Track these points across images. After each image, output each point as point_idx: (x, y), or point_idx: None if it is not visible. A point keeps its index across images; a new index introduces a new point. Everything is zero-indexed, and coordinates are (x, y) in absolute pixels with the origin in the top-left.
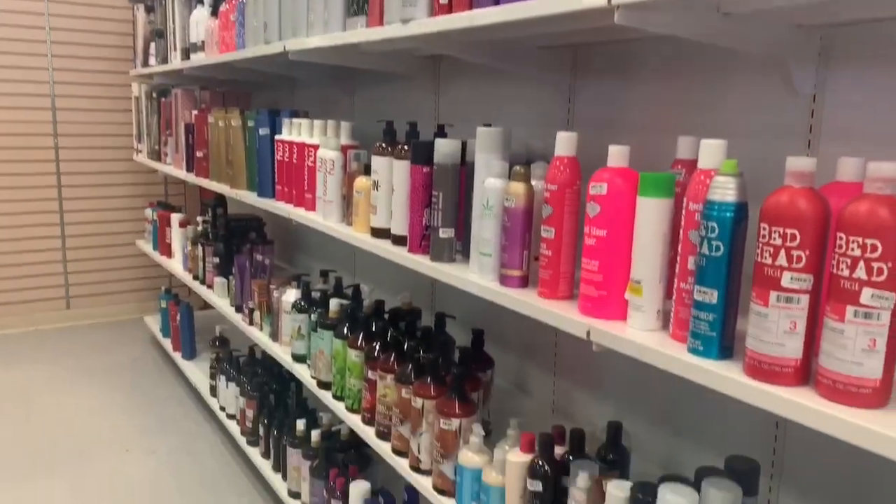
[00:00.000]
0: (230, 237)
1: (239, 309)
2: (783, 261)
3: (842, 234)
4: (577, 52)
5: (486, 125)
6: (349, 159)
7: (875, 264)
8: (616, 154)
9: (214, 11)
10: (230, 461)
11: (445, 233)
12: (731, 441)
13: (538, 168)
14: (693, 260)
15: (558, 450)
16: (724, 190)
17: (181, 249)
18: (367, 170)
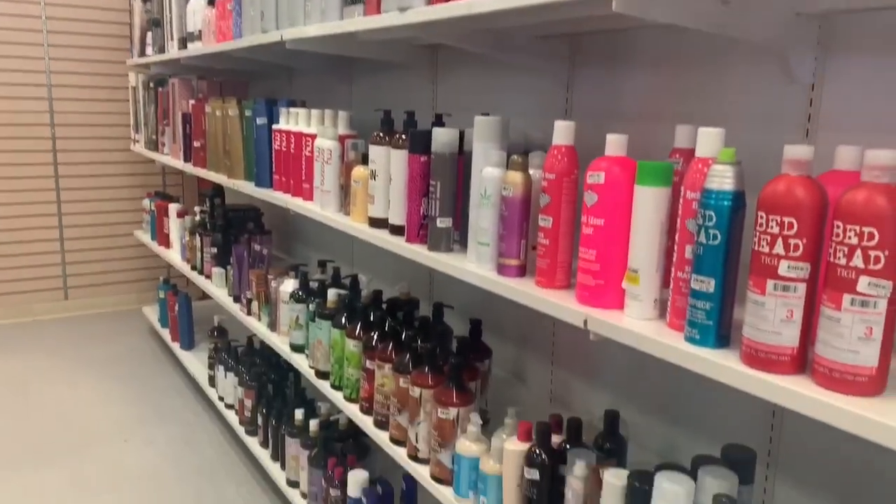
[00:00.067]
0: (228, 227)
1: (237, 299)
2: (780, 249)
3: (839, 223)
4: (575, 42)
5: (484, 114)
6: (347, 149)
7: (872, 252)
8: (614, 143)
9: (211, 1)
10: (229, 451)
11: (443, 222)
12: (728, 430)
13: (536, 157)
14: (690, 249)
15: (555, 438)
16: (722, 178)
17: (179, 240)
18: (365, 159)
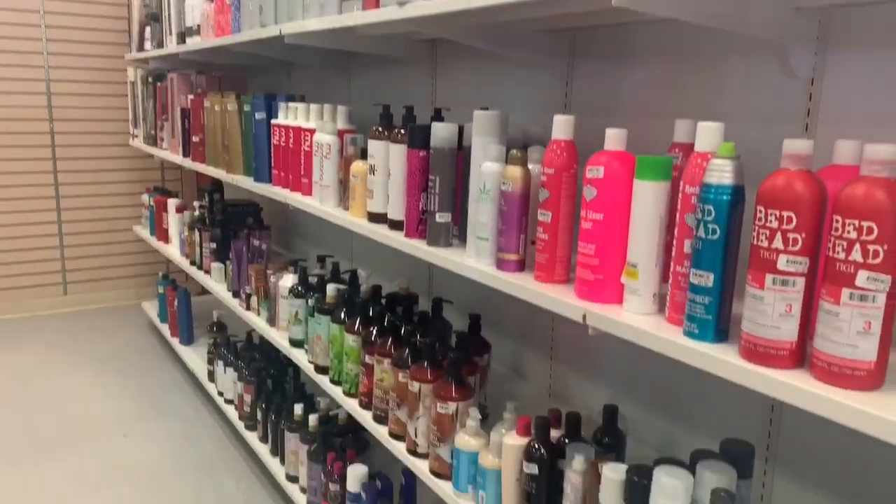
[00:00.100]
0: (227, 222)
1: (236, 294)
2: (779, 244)
3: (838, 217)
4: (575, 36)
5: (484, 109)
6: (346, 143)
7: (871, 247)
8: (613, 137)
9: None
10: (228, 446)
11: (442, 217)
12: (727, 424)
13: (535, 152)
14: (689, 243)
15: (554, 433)
16: (721, 173)
17: (178, 235)
18: (364, 154)
